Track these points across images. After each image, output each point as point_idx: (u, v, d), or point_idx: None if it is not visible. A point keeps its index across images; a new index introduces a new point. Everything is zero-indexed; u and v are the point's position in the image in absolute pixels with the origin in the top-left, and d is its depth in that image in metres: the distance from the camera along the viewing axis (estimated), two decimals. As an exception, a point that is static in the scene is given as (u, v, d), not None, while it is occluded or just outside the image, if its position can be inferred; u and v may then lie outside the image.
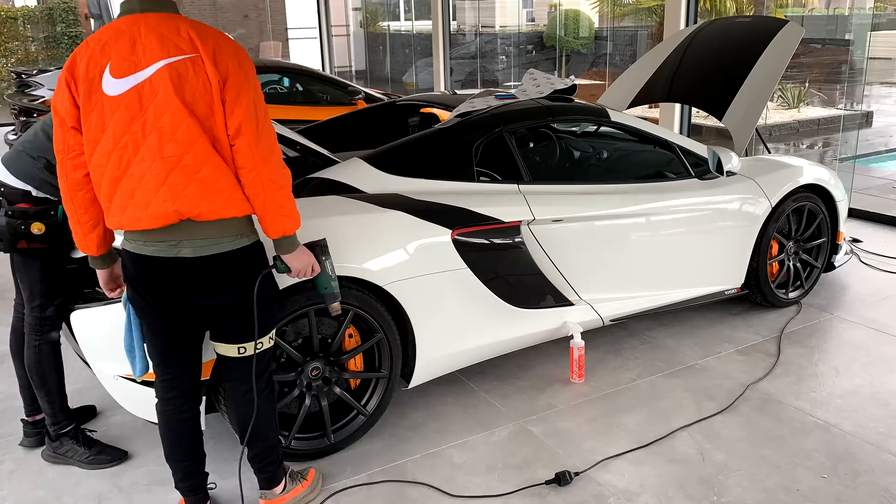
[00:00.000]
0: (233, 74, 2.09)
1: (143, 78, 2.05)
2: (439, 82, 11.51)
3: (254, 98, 2.13)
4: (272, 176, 2.15)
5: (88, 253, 2.30)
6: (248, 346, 2.33)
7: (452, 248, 3.06)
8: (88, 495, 2.73)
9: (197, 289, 2.20)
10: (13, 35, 16.91)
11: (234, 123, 2.10)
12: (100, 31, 2.11)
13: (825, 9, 12.29)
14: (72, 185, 2.18)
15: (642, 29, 12.45)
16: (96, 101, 2.07)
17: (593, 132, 4.25)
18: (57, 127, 2.16)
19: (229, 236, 2.18)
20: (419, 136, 3.37)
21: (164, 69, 2.04)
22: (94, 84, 2.06)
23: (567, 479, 2.71)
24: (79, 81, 2.08)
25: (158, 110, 2.05)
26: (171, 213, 2.09)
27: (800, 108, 11.01)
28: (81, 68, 2.07)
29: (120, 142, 2.07)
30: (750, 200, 3.95)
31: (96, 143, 2.10)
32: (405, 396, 3.33)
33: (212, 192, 2.10)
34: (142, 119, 2.06)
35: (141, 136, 2.06)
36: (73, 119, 2.12)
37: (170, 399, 2.39)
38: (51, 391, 2.87)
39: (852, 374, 3.50)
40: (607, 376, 3.52)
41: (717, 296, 4.00)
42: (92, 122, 2.08)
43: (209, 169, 2.09)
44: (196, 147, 2.07)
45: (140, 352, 2.38)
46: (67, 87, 2.10)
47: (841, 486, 2.69)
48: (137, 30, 2.07)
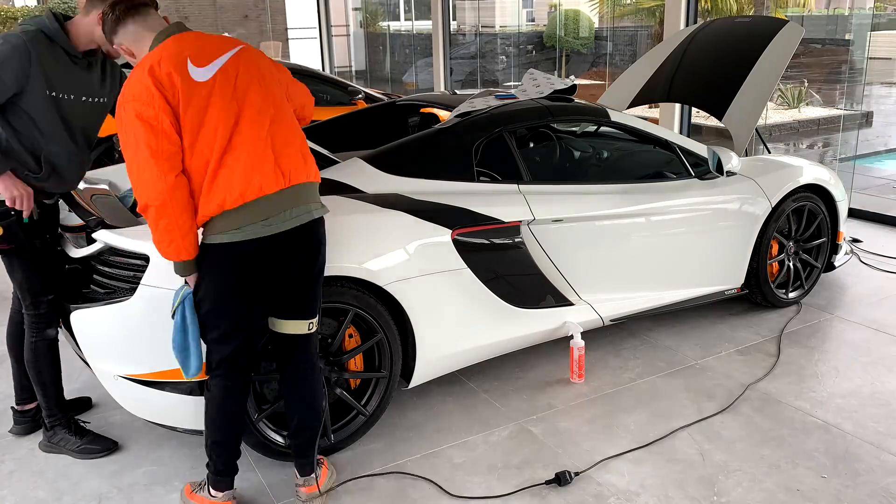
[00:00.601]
0: (274, 62, 2.43)
1: (222, 62, 2.25)
2: (439, 82, 11.51)
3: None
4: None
5: (186, 258, 2.26)
6: (314, 323, 2.49)
7: (452, 248, 3.06)
8: (88, 495, 2.73)
9: (296, 259, 2.35)
10: (13, 35, 16.88)
11: (299, 100, 2.49)
12: (158, 48, 2.24)
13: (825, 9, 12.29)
14: (171, 185, 2.18)
15: (642, 29, 12.44)
16: (190, 87, 2.19)
17: (593, 132, 4.25)
18: (146, 132, 2.15)
19: (318, 204, 2.40)
20: (419, 136, 3.37)
21: (234, 56, 2.29)
22: (182, 75, 2.18)
23: (567, 479, 2.71)
24: (166, 77, 2.17)
25: (244, 87, 2.26)
26: (279, 176, 2.26)
27: (800, 108, 11.01)
28: (163, 69, 2.17)
29: (223, 119, 2.21)
30: (750, 200, 3.95)
31: (198, 128, 2.20)
32: (405, 396, 3.33)
33: (304, 157, 2.36)
34: (234, 97, 2.24)
35: (238, 111, 2.23)
36: (169, 116, 2.16)
37: (232, 387, 2.43)
38: (46, 386, 2.92)
39: (852, 374, 3.50)
40: (607, 376, 3.52)
41: (717, 296, 4.00)
42: (193, 107, 2.19)
43: (297, 137, 2.37)
44: (284, 117, 2.34)
45: (196, 351, 2.37)
46: (157, 87, 2.15)
47: (841, 486, 2.69)
48: (190, 39, 2.28)
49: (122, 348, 2.64)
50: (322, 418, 2.59)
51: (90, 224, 2.77)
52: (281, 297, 2.40)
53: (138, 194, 2.20)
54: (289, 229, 2.29)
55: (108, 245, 2.67)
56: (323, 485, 2.63)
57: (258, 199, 2.23)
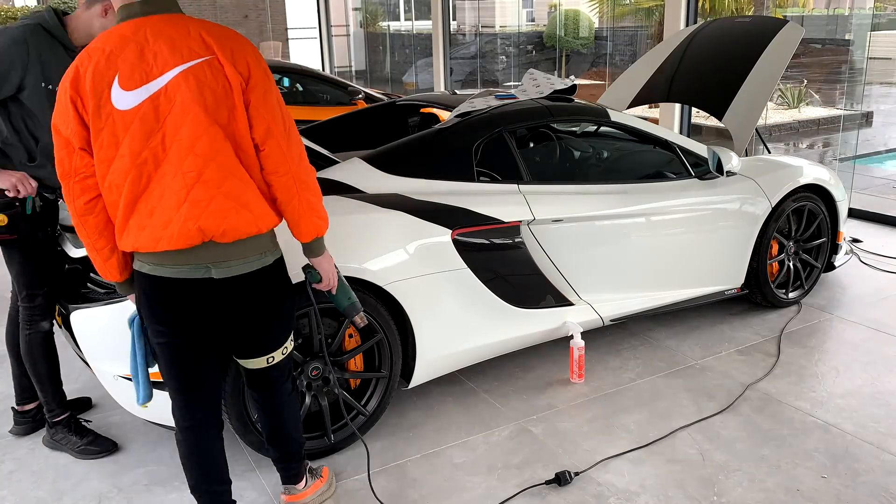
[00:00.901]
0: (254, 73, 1.97)
1: (157, 87, 1.89)
2: (439, 82, 11.51)
3: (277, 96, 2.01)
4: (304, 177, 2.07)
5: (111, 280, 2.11)
6: (275, 355, 2.28)
7: (452, 248, 3.06)
8: (88, 495, 2.73)
9: (224, 308, 2.08)
10: (13, 35, 16.89)
11: (263, 126, 1.98)
12: (100, 40, 1.92)
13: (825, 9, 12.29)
14: (81, 209, 1.99)
15: (642, 29, 12.45)
16: (106, 116, 1.89)
17: (593, 132, 4.25)
18: (60, 148, 1.95)
19: (256, 255, 2.07)
20: (419, 136, 3.37)
21: (180, 76, 1.89)
22: (102, 99, 1.88)
23: (567, 479, 2.71)
24: (85, 98, 1.89)
25: (176, 122, 1.90)
26: (195, 233, 1.94)
27: (800, 108, 11.01)
28: (87, 83, 1.88)
29: (138, 158, 1.90)
30: (750, 200, 3.95)
31: (110, 161, 1.92)
32: (405, 396, 3.33)
33: (237, 207, 1.97)
34: (160, 132, 1.90)
35: (161, 150, 1.91)
36: (81, 140, 1.92)
37: (190, 427, 2.24)
38: (42, 380, 2.94)
39: (852, 374, 3.50)
40: (607, 376, 3.52)
41: (717, 296, 4.00)
42: (104, 140, 1.91)
43: (234, 182, 1.96)
44: (219, 159, 1.93)
45: (144, 376, 2.20)
46: (73, 104, 1.90)
47: (841, 486, 2.69)
48: (144, 35, 1.91)
49: (122, 348, 2.64)
50: (298, 440, 2.50)
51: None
52: (224, 337, 2.17)
53: None
54: (203, 278, 2.02)
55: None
56: (310, 496, 2.58)
57: (169, 251, 1.97)
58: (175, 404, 2.23)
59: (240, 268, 2.05)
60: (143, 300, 2.09)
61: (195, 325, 2.09)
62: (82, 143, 1.94)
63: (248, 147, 1.99)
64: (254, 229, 2.02)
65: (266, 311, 2.17)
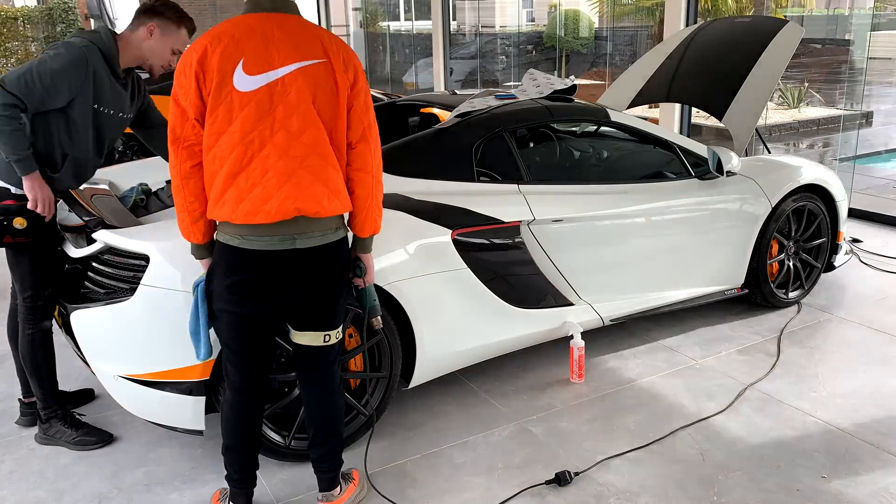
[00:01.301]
0: (359, 81, 2.22)
1: (276, 77, 2.10)
2: (439, 82, 11.51)
3: (371, 104, 2.26)
4: (380, 178, 2.33)
5: (194, 241, 2.29)
6: (331, 335, 2.40)
7: (452, 248, 3.06)
8: (88, 495, 2.73)
9: (302, 276, 2.24)
10: (13, 35, 16.90)
11: (360, 128, 2.24)
12: (229, 25, 2.13)
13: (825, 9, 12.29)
14: (184, 173, 2.18)
15: (642, 29, 12.44)
16: (226, 94, 2.09)
17: (593, 132, 4.25)
18: (177, 116, 2.15)
19: (332, 229, 2.26)
20: (419, 136, 3.37)
21: (297, 72, 2.12)
22: (225, 78, 2.08)
23: (567, 480, 2.71)
24: (210, 74, 2.08)
25: (288, 110, 2.11)
26: (292, 210, 2.13)
27: (800, 108, 11.01)
28: (213, 61, 2.07)
29: (247, 137, 2.10)
30: (750, 200, 3.95)
31: (220, 135, 2.12)
32: (405, 396, 3.33)
33: (329, 193, 2.18)
34: (271, 117, 2.11)
35: (269, 133, 2.11)
36: (197, 111, 2.13)
37: (242, 391, 2.39)
38: (42, 378, 2.96)
39: (852, 374, 3.50)
40: (607, 376, 3.52)
41: (717, 296, 4.00)
42: (219, 115, 2.10)
43: (330, 171, 2.19)
44: (320, 150, 2.16)
45: (205, 337, 2.36)
46: (196, 79, 2.09)
47: (841, 486, 2.69)
48: (270, 29, 2.12)
49: (122, 348, 2.64)
50: (342, 436, 2.55)
51: (90, 224, 2.77)
52: (288, 310, 2.32)
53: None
54: (285, 249, 2.20)
55: (108, 245, 2.67)
56: (346, 500, 2.58)
57: (259, 224, 2.16)
58: (230, 366, 2.38)
59: (321, 238, 2.24)
60: (221, 268, 2.25)
61: (269, 295, 2.25)
62: (197, 115, 2.14)
63: (342, 144, 2.23)
64: (339, 210, 2.24)
65: (332, 282, 2.32)
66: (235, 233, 2.18)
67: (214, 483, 2.77)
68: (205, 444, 3.02)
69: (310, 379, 2.46)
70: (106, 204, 3.07)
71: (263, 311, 2.28)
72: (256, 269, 2.21)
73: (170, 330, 2.57)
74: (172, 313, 2.56)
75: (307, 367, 2.45)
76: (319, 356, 2.42)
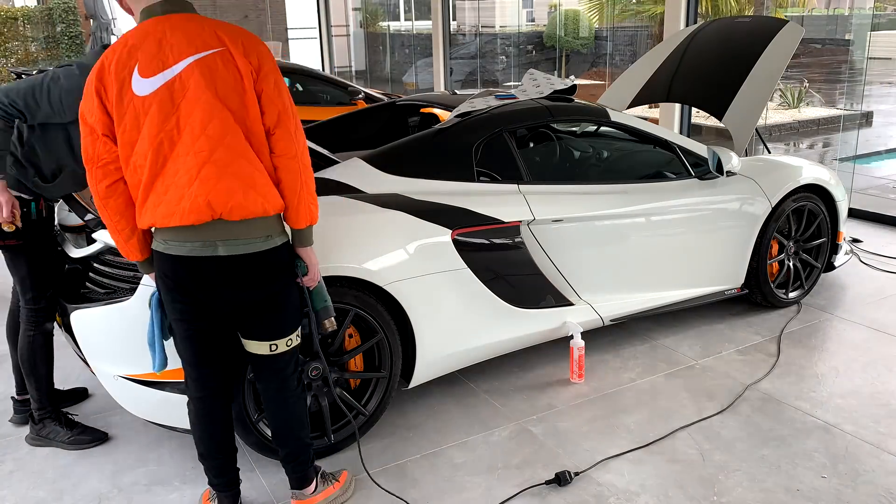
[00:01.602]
0: (264, 64, 2.15)
1: (172, 75, 2.07)
2: (439, 82, 11.51)
3: (285, 86, 2.19)
4: (307, 163, 2.23)
5: (133, 259, 2.27)
6: (279, 343, 2.35)
7: (452, 248, 3.06)
8: (88, 495, 2.73)
9: (230, 287, 2.20)
10: (13, 35, 16.91)
11: (274, 112, 2.15)
12: (124, 36, 2.12)
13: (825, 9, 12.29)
14: (103, 192, 2.15)
15: (642, 29, 12.45)
16: (128, 102, 2.07)
17: (593, 132, 4.25)
18: (85, 136, 2.13)
19: (261, 236, 2.19)
20: (419, 136, 3.36)
21: (193, 65, 2.07)
22: (123, 86, 2.06)
23: (567, 479, 2.71)
24: (109, 87, 2.07)
25: (189, 106, 2.07)
26: (204, 208, 2.08)
27: (800, 108, 11.01)
28: (110, 73, 2.07)
29: (155, 140, 2.07)
30: (750, 200, 3.95)
31: (133, 144, 2.09)
32: (405, 396, 3.33)
33: (244, 187, 2.10)
34: (175, 116, 2.07)
35: (176, 133, 2.08)
36: (104, 127, 2.10)
37: (202, 398, 2.39)
38: (40, 379, 2.96)
39: (852, 374, 3.50)
40: (607, 376, 3.52)
41: (717, 296, 4.00)
42: (126, 124, 2.08)
43: (242, 163, 2.10)
44: (228, 141, 2.09)
45: (160, 346, 2.36)
46: (97, 94, 2.09)
47: (841, 486, 2.69)
48: (162, 30, 2.10)
49: (122, 348, 2.65)
50: (304, 441, 2.51)
51: (90, 224, 2.77)
52: (226, 319, 2.30)
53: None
54: (211, 256, 2.15)
55: (108, 245, 2.67)
56: (320, 501, 2.57)
57: (180, 226, 2.12)
58: (188, 376, 2.37)
59: (246, 247, 2.17)
60: (160, 277, 2.24)
61: (205, 302, 2.23)
62: (105, 130, 2.11)
63: (259, 132, 2.15)
64: (260, 210, 2.14)
65: (271, 294, 2.27)
66: (161, 238, 2.18)
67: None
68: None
69: (263, 385, 2.44)
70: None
71: (206, 320, 2.26)
72: (182, 275, 2.18)
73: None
74: (172, 313, 2.55)
75: (259, 373, 2.43)
76: (269, 363, 2.39)
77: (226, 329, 2.34)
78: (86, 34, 15.80)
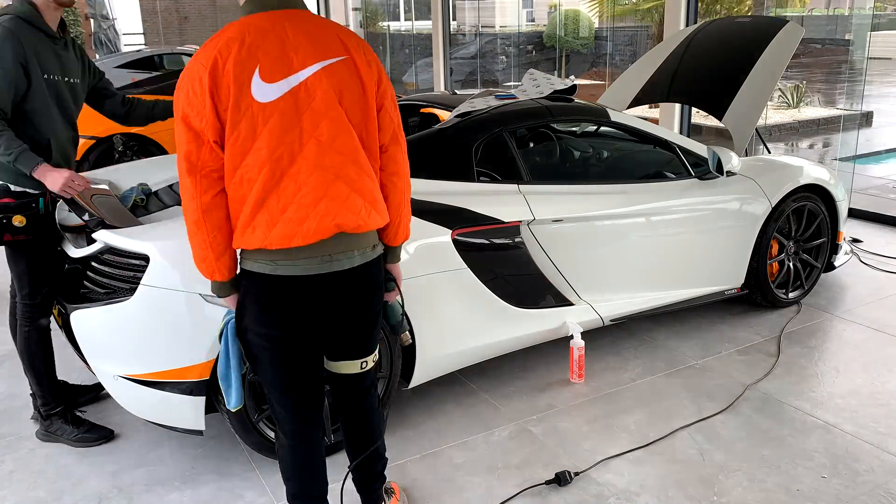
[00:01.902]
0: (383, 78, 2.02)
1: (297, 81, 1.87)
2: (439, 82, 11.51)
3: (396, 101, 2.08)
4: (410, 180, 2.15)
5: (219, 279, 1.99)
6: (368, 360, 2.21)
7: (452, 248, 3.06)
8: (88, 495, 2.73)
9: (338, 305, 2.03)
10: (13, 35, 16.90)
11: (391, 128, 2.05)
12: (236, 30, 1.88)
13: (825, 9, 12.29)
14: (205, 205, 1.89)
15: (642, 29, 12.45)
16: (245, 108, 1.84)
17: (593, 132, 4.25)
18: (189, 141, 1.86)
19: (370, 245, 2.06)
20: (419, 136, 3.36)
21: (320, 72, 1.89)
22: (242, 90, 1.83)
23: (567, 479, 2.71)
24: (223, 87, 1.83)
25: (316, 117, 1.89)
26: (332, 228, 1.92)
27: (800, 108, 11.01)
28: (227, 72, 1.83)
29: (275, 153, 1.86)
30: (750, 200, 3.95)
31: (244, 154, 1.86)
32: (405, 396, 3.33)
33: (367, 204, 1.98)
34: (298, 127, 1.88)
35: (298, 146, 1.88)
36: (215, 132, 1.85)
37: (297, 431, 2.15)
38: (40, 374, 2.98)
39: (852, 374, 3.50)
40: (607, 376, 3.52)
41: (717, 296, 4.00)
42: (241, 132, 1.85)
43: (367, 180, 1.97)
44: (355, 157, 1.94)
45: (238, 381, 2.12)
46: (210, 95, 1.83)
47: (841, 486, 2.69)
48: (283, 28, 1.89)
49: (122, 348, 2.64)
50: (384, 456, 2.39)
51: (90, 224, 2.77)
52: (328, 337, 2.11)
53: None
54: (324, 273, 1.98)
55: (108, 245, 2.67)
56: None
57: (297, 247, 1.93)
58: (280, 408, 2.13)
59: (361, 258, 2.03)
60: (252, 302, 2.00)
61: (307, 324, 2.02)
62: (215, 137, 1.86)
63: (374, 148, 2.03)
64: (377, 225, 2.04)
65: (370, 305, 2.13)
66: (267, 259, 1.93)
67: (214, 483, 2.77)
68: (205, 444, 3.02)
69: (348, 407, 2.27)
70: (106, 204, 3.07)
71: (302, 344, 2.04)
72: (291, 297, 1.97)
73: (170, 330, 2.57)
74: (172, 313, 2.56)
75: (344, 395, 2.25)
76: (356, 383, 2.23)
77: (315, 353, 2.11)
78: (86, 34, 15.80)
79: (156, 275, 2.56)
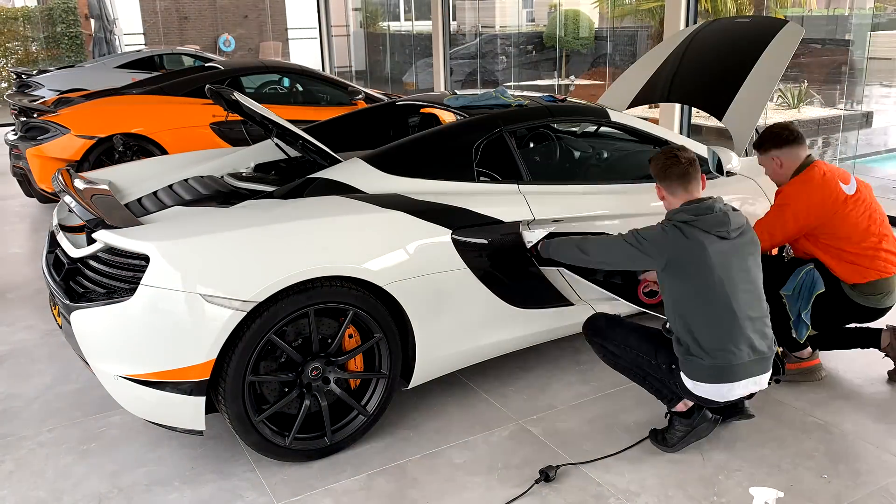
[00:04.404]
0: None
1: (856, 184, 3.39)
2: (439, 82, 11.52)
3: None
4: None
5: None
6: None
7: (452, 248, 3.06)
8: (88, 495, 2.73)
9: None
10: (13, 35, 16.91)
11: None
12: (818, 166, 3.36)
13: (825, 9, 12.29)
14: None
15: (642, 29, 12.45)
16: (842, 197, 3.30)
17: (593, 132, 4.25)
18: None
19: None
20: (419, 136, 3.37)
21: (860, 185, 3.41)
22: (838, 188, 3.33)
23: (551, 477, 2.70)
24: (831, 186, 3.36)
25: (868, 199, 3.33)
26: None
27: (800, 108, 11.01)
28: (828, 179, 3.48)
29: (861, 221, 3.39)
30: (750, 200, 3.95)
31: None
32: (405, 396, 3.33)
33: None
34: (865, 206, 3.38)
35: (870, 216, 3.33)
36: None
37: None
38: None
39: (853, 374, 3.50)
40: (607, 376, 3.52)
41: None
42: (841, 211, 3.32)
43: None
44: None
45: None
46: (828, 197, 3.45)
47: (841, 486, 2.69)
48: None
49: (122, 348, 2.64)
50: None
51: (90, 224, 2.77)
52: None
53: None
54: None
55: (108, 245, 2.67)
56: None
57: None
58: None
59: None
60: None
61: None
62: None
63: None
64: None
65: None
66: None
67: (214, 483, 2.77)
68: (205, 444, 3.02)
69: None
70: (106, 204, 3.07)
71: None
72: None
73: (170, 330, 2.57)
74: (172, 313, 2.55)
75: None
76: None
77: None
78: (86, 34, 15.81)
79: (156, 275, 2.56)
